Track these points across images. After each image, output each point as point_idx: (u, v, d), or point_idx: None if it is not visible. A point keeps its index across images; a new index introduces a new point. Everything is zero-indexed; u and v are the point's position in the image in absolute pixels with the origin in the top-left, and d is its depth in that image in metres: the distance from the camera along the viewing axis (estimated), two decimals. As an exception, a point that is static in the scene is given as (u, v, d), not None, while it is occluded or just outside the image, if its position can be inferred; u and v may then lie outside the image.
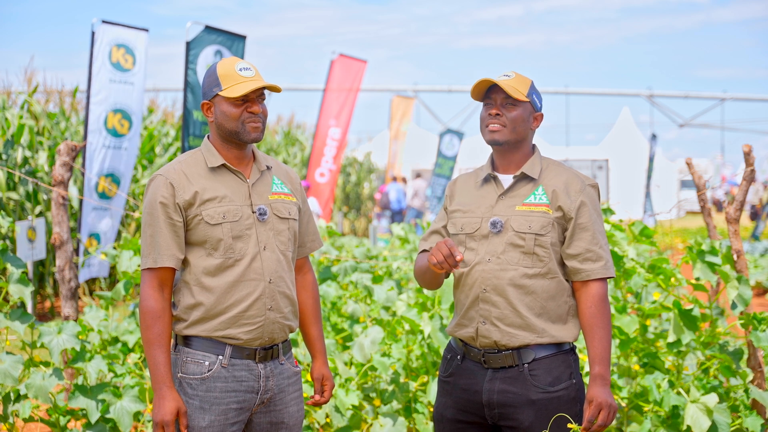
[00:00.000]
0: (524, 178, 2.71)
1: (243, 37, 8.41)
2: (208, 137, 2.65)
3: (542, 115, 2.76)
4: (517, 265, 2.63)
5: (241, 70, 2.56)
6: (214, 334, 2.54)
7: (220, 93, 2.55)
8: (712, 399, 3.59)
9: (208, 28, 8.10)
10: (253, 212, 2.58)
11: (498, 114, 2.67)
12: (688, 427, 3.63)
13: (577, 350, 2.80)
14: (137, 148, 8.10)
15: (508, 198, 2.70)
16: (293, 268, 2.70)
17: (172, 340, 2.62)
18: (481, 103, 2.75)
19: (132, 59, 7.90)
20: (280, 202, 2.64)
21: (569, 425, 2.53)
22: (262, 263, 2.57)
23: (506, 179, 2.73)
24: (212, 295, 2.53)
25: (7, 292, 3.74)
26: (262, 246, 2.58)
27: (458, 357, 2.74)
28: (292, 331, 2.67)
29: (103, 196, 7.88)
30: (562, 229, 2.67)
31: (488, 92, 2.71)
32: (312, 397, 2.82)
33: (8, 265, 3.77)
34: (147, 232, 2.54)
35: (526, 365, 2.63)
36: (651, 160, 19.47)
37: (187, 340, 2.57)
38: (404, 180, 20.25)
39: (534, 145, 2.77)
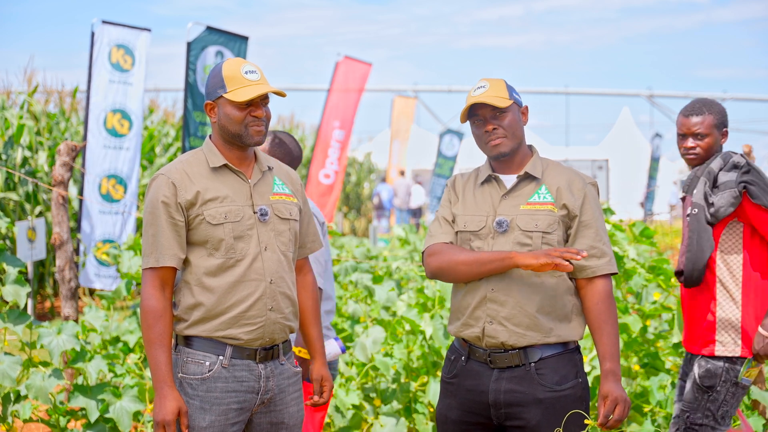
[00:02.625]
0: (527, 177, 2.71)
1: (245, 38, 8.39)
2: (210, 137, 2.65)
3: (527, 107, 2.77)
4: None
5: (246, 73, 2.55)
6: (214, 335, 2.54)
7: (224, 95, 2.54)
8: (712, 399, 3.57)
9: (210, 29, 8.09)
10: (254, 213, 2.58)
11: (495, 128, 2.67)
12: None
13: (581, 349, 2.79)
14: (139, 149, 8.08)
15: (512, 197, 2.70)
16: (294, 269, 2.70)
17: (173, 340, 2.62)
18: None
19: (131, 60, 7.90)
20: (281, 203, 2.64)
21: (586, 421, 2.53)
22: (263, 263, 2.57)
23: (508, 179, 2.73)
24: (213, 295, 2.53)
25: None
26: (263, 246, 2.57)
27: (462, 358, 2.72)
28: (292, 332, 2.67)
29: (108, 198, 7.86)
30: (565, 227, 2.68)
31: (472, 109, 2.70)
32: (311, 397, 2.81)
33: (5, 266, 3.77)
34: (148, 231, 2.54)
35: (532, 364, 2.62)
36: (656, 160, 19.34)
37: (187, 341, 2.57)
38: (402, 173, 20.28)
39: (531, 146, 2.78)
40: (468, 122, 2.75)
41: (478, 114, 2.69)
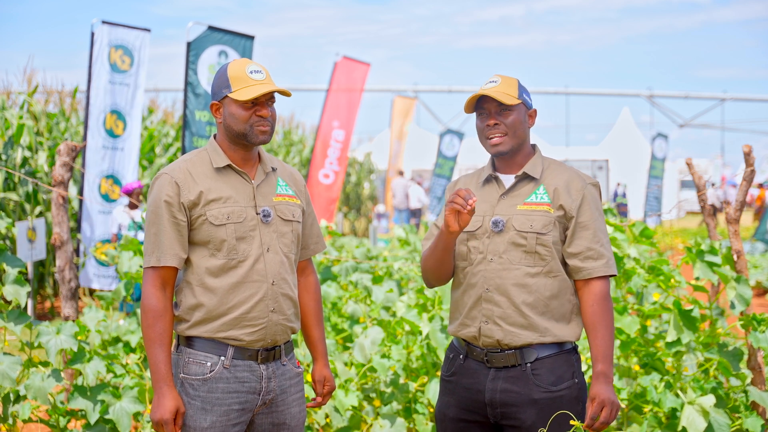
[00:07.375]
0: (526, 177, 2.72)
1: (251, 37, 8.33)
2: (215, 137, 2.65)
3: (536, 111, 2.76)
4: (519, 264, 2.64)
5: (252, 72, 2.55)
6: (216, 335, 2.54)
7: (229, 95, 2.54)
8: (709, 400, 3.58)
9: (212, 28, 8.07)
10: (257, 214, 2.58)
11: (496, 124, 2.67)
12: (684, 429, 3.62)
13: (578, 350, 2.79)
14: (136, 150, 8.07)
15: (510, 197, 2.70)
16: (296, 270, 2.70)
17: (174, 341, 2.62)
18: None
19: (129, 60, 7.90)
20: (284, 204, 2.64)
21: (571, 422, 2.53)
22: (265, 265, 2.56)
23: (507, 179, 2.73)
24: (215, 296, 2.53)
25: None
26: (265, 248, 2.57)
27: (461, 356, 2.74)
28: (294, 333, 2.67)
29: (107, 198, 7.87)
30: (563, 227, 2.68)
31: (480, 102, 2.70)
32: (313, 399, 2.82)
33: (5, 266, 3.76)
34: (150, 230, 2.54)
35: (528, 364, 2.63)
36: (662, 160, 19.31)
37: (189, 341, 2.57)
38: (401, 173, 20.28)
39: (534, 145, 2.78)
40: (473, 116, 2.76)
41: (484, 107, 2.69)
